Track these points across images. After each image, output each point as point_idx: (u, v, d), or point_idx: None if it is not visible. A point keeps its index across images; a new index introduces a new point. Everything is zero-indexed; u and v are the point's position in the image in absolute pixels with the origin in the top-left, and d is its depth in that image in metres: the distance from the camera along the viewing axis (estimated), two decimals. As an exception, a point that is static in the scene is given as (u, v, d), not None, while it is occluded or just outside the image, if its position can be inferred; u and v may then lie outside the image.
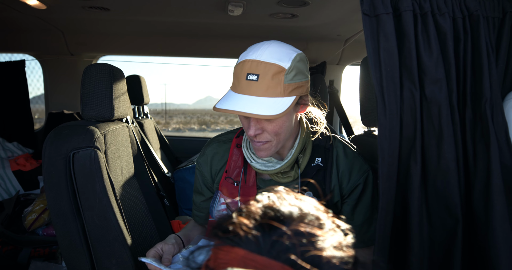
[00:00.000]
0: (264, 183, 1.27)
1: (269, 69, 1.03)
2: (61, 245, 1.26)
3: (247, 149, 1.25)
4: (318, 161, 1.25)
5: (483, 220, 0.87)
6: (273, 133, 1.11)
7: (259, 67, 1.03)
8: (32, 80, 3.61)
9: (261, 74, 1.03)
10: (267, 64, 1.03)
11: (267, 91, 1.03)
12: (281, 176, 1.23)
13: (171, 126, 34.32)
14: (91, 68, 1.43)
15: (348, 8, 2.09)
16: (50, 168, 1.24)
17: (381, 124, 0.90)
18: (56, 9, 2.28)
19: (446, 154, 0.90)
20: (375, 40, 0.92)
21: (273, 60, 1.04)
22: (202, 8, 2.17)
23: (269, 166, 1.20)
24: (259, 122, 1.09)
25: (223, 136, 1.37)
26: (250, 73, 1.04)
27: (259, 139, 1.11)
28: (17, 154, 2.90)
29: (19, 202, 2.36)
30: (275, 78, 1.03)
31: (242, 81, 1.05)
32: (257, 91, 1.03)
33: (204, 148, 1.37)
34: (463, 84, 0.96)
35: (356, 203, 1.26)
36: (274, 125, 1.10)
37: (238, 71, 1.08)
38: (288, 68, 1.05)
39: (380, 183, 0.89)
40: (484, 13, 0.98)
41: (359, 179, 1.24)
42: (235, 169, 1.28)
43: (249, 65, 1.04)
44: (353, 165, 1.25)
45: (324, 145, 1.27)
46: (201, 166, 1.35)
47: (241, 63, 1.07)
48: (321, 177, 1.24)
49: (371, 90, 1.49)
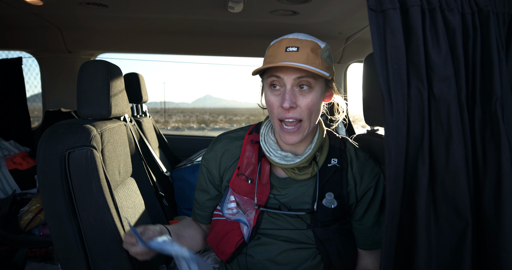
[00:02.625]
0: (279, 181, 1.24)
1: (308, 44, 1.10)
2: (57, 246, 1.23)
3: (265, 142, 1.23)
4: (334, 162, 1.24)
5: (493, 223, 0.84)
6: (306, 110, 1.11)
7: (298, 42, 1.10)
8: (29, 77, 3.59)
9: (301, 47, 1.09)
10: (305, 40, 1.11)
11: (307, 60, 1.07)
12: (298, 172, 1.20)
13: (170, 125, 34.30)
14: (88, 65, 1.40)
15: (350, 5, 2.06)
16: (45, 168, 1.20)
17: (388, 124, 0.86)
18: (53, 5, 2.24)
19: (455, 155, 0.86)
20: (381, 37, 0.88)
21: (309, 38, 1.13)
22: (202, 5, 2.13)
23: (288, 160, 1.18)
24: (294, 96, 1.10)
25: (234, 132, 1.34)
26: (290, 46, 1.09)
27: (292, 114, 1.11)
28: (14, 153, 2.86)
29: (15, 201, 2.33)
30: (314, 51, 1.10)
31: (280, 54, 1.09)
32: (297, 59, 1.07)
33: (213, 144, 1.33)
34: (472, 82, 0.92)
35: (368, 206, 1.25)
36: (309, 100, 1.11)
37: (274, 48, 1.12)
38: (323, 47, 1.13)
39: (387, 185, 0.85)
40: (494, 8, 0.94)
41: (371, 182, 1.24)
42: (249, 166, 1.25)
43: (287, 41, 1.11)
44: (365, 168, 1.25)
45: (339, 146, 1.28)
46: (209, 162, 1.31)
47: (277, 42, 1.13)
48: (338, 178, 1.23)
49: (375, 88, 1.45)
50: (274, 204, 1.22)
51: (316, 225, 1.19)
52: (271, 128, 1.28)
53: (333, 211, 1.19)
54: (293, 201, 1.21)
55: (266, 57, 1.15)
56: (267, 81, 1.14)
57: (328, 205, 1.19)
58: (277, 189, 1.23)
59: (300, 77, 1.08)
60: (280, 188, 1.23)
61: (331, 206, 1.19)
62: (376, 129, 1.69)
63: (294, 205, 1.21)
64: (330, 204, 1.19)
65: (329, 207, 1.19)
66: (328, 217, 1.19)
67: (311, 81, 1.10)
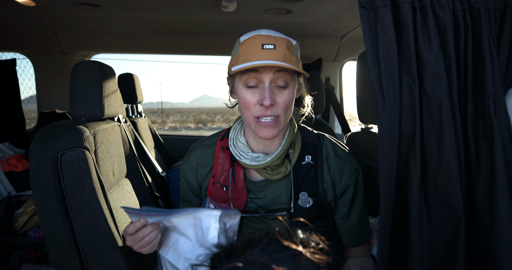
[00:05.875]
0: (254, 185, 1.23)
1: (283, 41, 1.08)
2: (50, 248, 1.22)
3: (234, 147, 1.22)
4: (308, 159, 1.22)
5: (487, 220, 0.84)
6: (284, 106, 1.11)
7: (272, 39, 1.07)
8: (24, 79, 3.57)
9: (277, 44, 1.07)
10: (279, 38, 1.08)
11: (285, 58, 1.06)
12: (271, 172, 1.19)
13: (167, 125, 34.22)
14: (80, 66, 1.39)
15: (344, 3, 2.06)
16: (37, 169, 1.19)
17: (381, 121, 0.86)
18: (46, 6, 2.23)
19: (447, 152, 0.86)
20: (373, 34, 0.88)
21: (282, 35, 1.10)
22: (195, 4, 2.13)
23: (259, 161, 1.17)
24: (273, 93, 1.09)
25: (206, 140, 1.33)
26: (266, 43, 1.06)
27: (271, 112, 1.09)
28: (9, 155, 2.84)
29: (10, 203, 2.31)
30: (289, 48, 1.08)
31: (257, 51, 1.06)
32: (275, 57, 1.05)
33: (188, 154, 1.32)
34: (464, 79, 0.92)
35: (351, 204, 1.24)
36: (286, 96, 1.10)
37: (248, 45, 1.08)
38: (295, 45, 1.12)
39: (381, 182, 0.85)
40: (485, 5, 0.94)
41: (350, 178, 1.22)
42: (223, 173, 1.24)
43: (262, 38, 1.07)
44: (345, 164, 1.23)
45: (312, 142, 1.25)
46: (186, 173, 1.31)
47: (250, 39, 1.08)
48: (313, 175, 1.21)
49: (368, 86, 1.45)
50: (252, 208, 1.21)
51: (296, 225, 1.18)
52: (240, 131, 1.26)
53: (309, 210, 1.18)
54: (270, 203, 1.20)
55: (240, 54, 1.10)
56: (242, 78, 1.10)
57: (303, 205, 1.18)
58: (254, 192, 1.22)
59: (278, 74, 1.08)
60: (256, 191, 1.22)
61: (306, 206, 1.18)
62: (370, 127, 1.69)
63: (272, 206, 1.20)
64: (305, 204, 1.18)
65: (304, 207, 1.18)
66: (305, 216, 1.18)
67: (288, 78, 1.09)
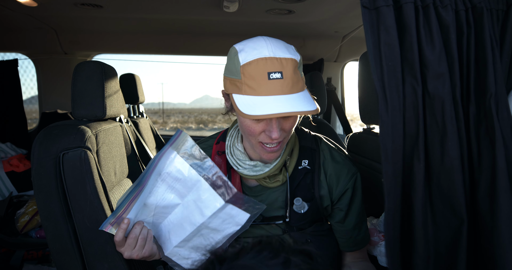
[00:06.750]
0: (250, 190, 1.22)
1: (288, 64, 0.97)
2: (52, 248, 1.22)
3: (231, 155, 1.19)
4: (305, 163, 1.20)
5: (488, 220, 0.84)
6: (289, 131, 1.06)
7: (278, 64, 0.96)
8: (26, 79, 3.57)
9: (284, 71, 0.96)
10: (285, 59, 0.97)
11: (293, 87, 0.97)
12: (269, 180, 1.17)
13: (168, 126, 34.24)
14: (82, 66, 1.39)
15: (345, 4, 2.06)
16: (39, 169, 1.20)
17: (383, 121, 0.86)
18: (48, 6, 2.23)
19: (450, 152, 0.86)
20: (375, 34, 0.88)
21: (287, 55, 0.98)
22: (197, 5, 2.13)
23: (257, 171, 1.14)
24: (280, 123, 1.02)
25: (203, 143, 1.30)
26: (272, 72, 0.95)
27: (277, 140, 1.03)
28: (11, 155, 2.85)
29: (12, 203, 2.32)
30: (295, 71, 0.98)
31: (264, 82, 0.95)
32: (284, 89, 0.95)
33: None
34: (466, 79, 0.92)
35: (349, 207, 1.22)
36: (292, 122, 1.05)
37: (253, 72, 0.96)
38: (299, 60, 1.02)
39: (385, 183, 0.85)
40: (488, 5, 0.94)
41: (347, 183, 1.20)
42: None
43: (268, 63, 0.95)
44: (342, 169, 1.21)
45: (310, 146, 1.23)
46: None
47: (253, 62, 0.96)
48: (309, 180, 1.19)
49: (370, 86, 1.45)
50: None
51: (292, 230, 1.18)
52: (237, 138, 1.21)
53: (304, 215, 1.17)
54: (266, 208, 1.19)
55: (243, 82, 0.97)
56: None
57: (298, 210, 1.16)
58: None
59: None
60: (252, 196, 1.20)
61: (301, 211, 1.16)
62: (372, 127, 1.69)
63: (268, 212, 1.19)
64: (300, 209, 1.16)
65: (299, 212, 1.17)
66: (301, 221, 1.17)
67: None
